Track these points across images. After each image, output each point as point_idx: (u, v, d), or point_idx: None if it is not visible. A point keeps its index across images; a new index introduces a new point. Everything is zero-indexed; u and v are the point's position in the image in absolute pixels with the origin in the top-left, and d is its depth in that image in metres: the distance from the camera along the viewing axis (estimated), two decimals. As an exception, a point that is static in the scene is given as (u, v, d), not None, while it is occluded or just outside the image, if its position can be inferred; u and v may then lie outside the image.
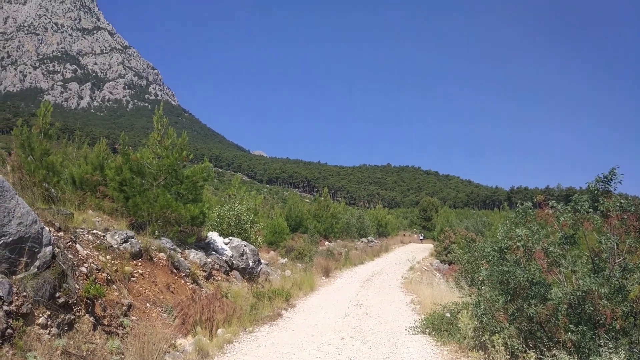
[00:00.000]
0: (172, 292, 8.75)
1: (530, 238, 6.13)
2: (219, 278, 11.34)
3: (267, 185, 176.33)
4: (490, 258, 6.94)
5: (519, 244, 6.23)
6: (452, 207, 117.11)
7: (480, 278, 7.15)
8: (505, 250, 6.71)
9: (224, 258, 12.34)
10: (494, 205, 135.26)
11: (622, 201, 5.48)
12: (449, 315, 8.83)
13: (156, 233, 10.35)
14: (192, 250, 11.23)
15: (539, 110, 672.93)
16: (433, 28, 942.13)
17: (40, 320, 5.21)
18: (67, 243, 6.91)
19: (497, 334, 6.32)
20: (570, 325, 5.35)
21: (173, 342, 6.90)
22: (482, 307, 6.57)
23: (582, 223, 5.70)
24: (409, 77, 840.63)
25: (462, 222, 37.37)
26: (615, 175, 5.60)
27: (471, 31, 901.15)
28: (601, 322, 5.15)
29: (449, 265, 20.83)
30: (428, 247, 37.72)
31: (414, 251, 33.14)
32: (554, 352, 5.41)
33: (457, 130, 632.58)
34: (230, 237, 13.88)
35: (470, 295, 8.64)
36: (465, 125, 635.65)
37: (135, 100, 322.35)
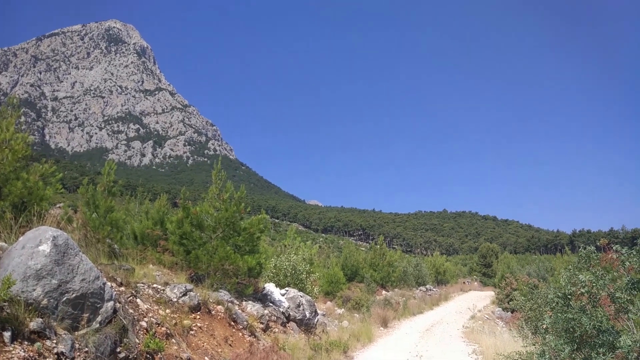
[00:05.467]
0: (230, 345, 8.82)
1: (594, 284, 5.87)
2: (276, 330, 11.34)
3: (323, 235, 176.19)
4: (554, 305, 6.66)
5: (583, 290, 5.97)
6: (512, 252, 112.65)
7: (544, 326, 6.85)
8: (570, 296, 6.43)
9: (281, 309, 12.36)
10: (556, 250, 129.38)
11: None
12: (513, 367, 8.42)
13: (214, 285, 10.56)
14: (250, 302, 11.35)
15: (601, 150, 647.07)
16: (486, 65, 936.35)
17: (102, 376, 5.29)
18: (128, 298, 7.15)
19: (565, 386, 5.98)
20: (643, 376, 5.01)
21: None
22: (547, 356, 6.26)
23: (649, 267, 5.42)
24: (459, 120, 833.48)
25: (524, 267, 35.88)
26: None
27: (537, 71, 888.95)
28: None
29: (512, 313, 19.98)
30: (489, 294, 36.35)
31: (475, 299, 32.06)
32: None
33: (514, 173, 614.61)
34: (286, 288, 13.92)
35: (534, 345, 8.25)
36: (522, 167, 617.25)
37: (195, 156, 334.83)
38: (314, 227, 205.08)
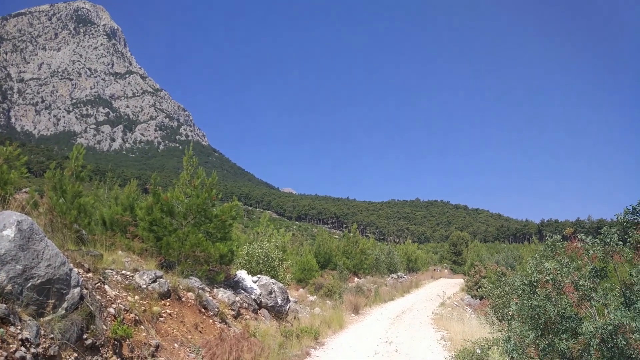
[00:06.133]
0: (200, 332, 8.78)
1: (559, 272, 6.01)
2: (248, 317, 11.34)
3: (297, 222, 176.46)
4: (520, 292, 6.81)
5: (548, 278, 6.12)
6: (482, 241, 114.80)
7: (511, 313, 7.02)
8: (535, 284, 6.58)
9: (253, 296, 12.36)
10: (524, 239, 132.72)
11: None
12: (479, 352, 8.63)
13: (185, 272, 10.48)
14: (221, 289, 11.30)
15: (572, 142, 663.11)
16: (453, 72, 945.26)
17: (67, 363, 5.18)
18: (96, 284, 7.02)
19: (529, 371, 6.15)
20: (603, 360, 5.18)
21: (201, 381, 6.90)
22: (513, 342, 6.42)
23: (612, 256, 5.57)
24: (434, 111, 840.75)
25: (493, 256, 36.62)
26: (644, 206, 5.49)
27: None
28: (634, 356, 4.98)
29: (480, 300, 20.41)
30: (459, 282, 37.03)
31: (445, 286, 32.63)
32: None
33: (486, 162, 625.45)
34: (258, 275, 13.92)
35: (500, 331, 8.46)
36: (494, 157, 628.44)
37: (167, 142, 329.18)
38: (287, 214, 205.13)
